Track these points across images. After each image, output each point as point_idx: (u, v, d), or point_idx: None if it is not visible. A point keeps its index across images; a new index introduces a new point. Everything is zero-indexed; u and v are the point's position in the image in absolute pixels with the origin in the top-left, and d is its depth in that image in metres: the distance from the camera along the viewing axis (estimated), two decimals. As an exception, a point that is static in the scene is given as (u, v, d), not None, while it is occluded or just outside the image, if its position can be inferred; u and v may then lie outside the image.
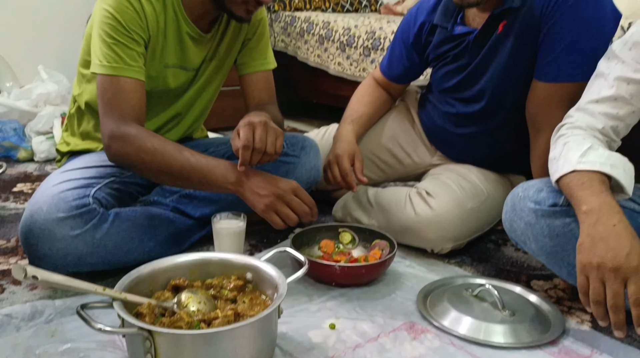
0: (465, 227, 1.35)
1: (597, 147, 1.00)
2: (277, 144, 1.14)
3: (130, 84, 1.18)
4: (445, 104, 1.47)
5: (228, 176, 1.15)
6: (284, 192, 1.15)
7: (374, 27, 2.44)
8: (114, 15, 1.16)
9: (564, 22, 1.16)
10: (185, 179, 1.17)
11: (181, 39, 1.29)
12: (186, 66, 1.34)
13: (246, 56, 1.43)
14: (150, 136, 1.16)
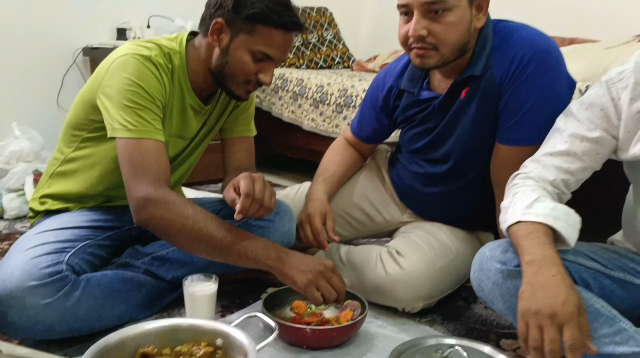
0: (436, 286, 1.37)
1: (543, 200, 1.06)
2: (272, 201, 1.19)
3: (158, 147, 1.20)
4: (413, 164, 1.52)
5: (269, 252, 1.18)
6: (325, 269, 1.19)
7: (346, 85, 2.51)
8: (137, 83, 1.20)
9: (522, 91, 1.23)
10: (222, 250, 1.17)
11: (184, 110, 1.34)
12: (184, 135, 1.38)
13: (231, 122, 1.49)
14: (190, 203, 1.18)
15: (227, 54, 1.26)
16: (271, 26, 1.23)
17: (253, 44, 1.24)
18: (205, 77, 1.32)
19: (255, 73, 1.27)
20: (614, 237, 1.30)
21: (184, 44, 1.32)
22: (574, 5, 2.76)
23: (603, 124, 1.12)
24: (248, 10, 1.22)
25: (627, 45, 1.84)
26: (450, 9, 1.21)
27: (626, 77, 1.10)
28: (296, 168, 3.06)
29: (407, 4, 1.23)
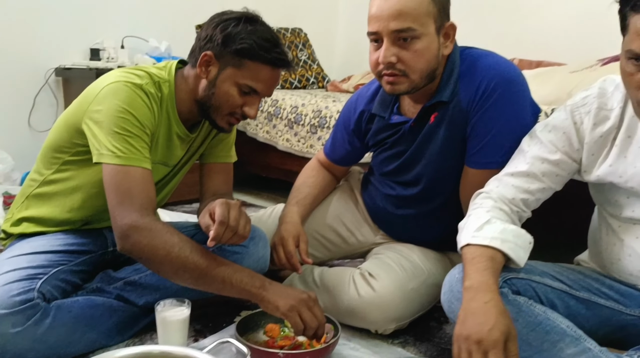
0: (408, 308, 1.39)
1: (494, 222, 1.10)
2: (246, 228, 1.20)
3: (146, 175, 1.20)
4: (385, 187, 1.55)
5: (254, 280, 1.18)
6: (308, 298, 1.20)
7: (320, 106, 2.54)
8: (128, 110, 1.21)
9: (488, 117, 1.27)
10: (207, 279, 1.17)
11: (170, 138, 1.35)
12: (168, 162, 1.39)
13: (212, 148, 1.50)
14: (176, 231, 1.18)
15: (214, 85, 1.29)
16: (259, 62, 1.26)
17: (240, 77, 1.27)
18: (191, 106, 1.34)
19: (240, 106, 1.30)
20: (580, 256, 1.34)
21: (172, 73, 1.34)
22: (541, 29, 2.85)
23: (564, 147, 1.17)
24: (237, 45, 1.25)
25: (591, 70, 1.91)
26: (419, 37, 1.24)
27: (589, 103, 1.15)
28: (271, 188, 3.07)
29: (377, 31, 1.26)
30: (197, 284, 1.19)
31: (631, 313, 1.13)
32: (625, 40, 0.98)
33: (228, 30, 1.26)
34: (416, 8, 1.23)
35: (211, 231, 1.15)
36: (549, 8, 2.83)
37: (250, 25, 1.27)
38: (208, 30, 1.29)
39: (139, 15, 2.89)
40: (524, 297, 1.11)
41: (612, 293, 1.16)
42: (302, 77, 3.35)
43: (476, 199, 1.21)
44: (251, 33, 1.26)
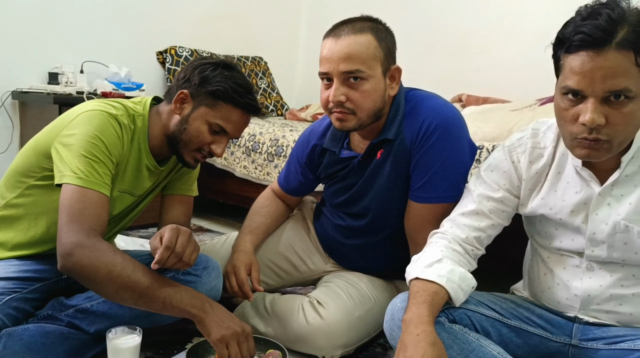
0: (354, 334, 1.45)
1: (445, 261, 1.18)
2: (192, 256, 1.24)
3: (101, 199, 1.24)
4: (336, 217, 1.62)
5: (194, 301, 1.22)
6: (241, 331, 1.24)
7: (278, 135, 2.61)
8: (99, 137, 1.26)
9: (429, 155, 1.36)
10: (148, 298, 1.20)
11: (139, 169, 1.40)
12: (135, 192, 1.43)
13: (175, 180, 1.56)
14: (120, 252, 1.21)
15: (187, 122, 1.36)
16: (231, 104, 1.35)
17: (212, 117, 1.35)
18: (162, 141, 1.41)
19: (209, 143, 1.38)
20: (516, 285, 1.43)
21: (147, 108, 1.41)
22: (489, 67, 3.01)
23: (506, 185, 1.26)
24: (212, 87, 1.34)
25: (530, 109, 2.04)
26: (367, 79, 1.33)
27: (524, 143, 1.26)
28: (229, 214, 3.10)
29: (328, 72, 1.35)
30: (138, 304, 1.22)
31: (558, 340, 1.22)
32: (560, 80, 1.08)
33: (206, 73, 1.36)
34: (364, 52, 1.32)
35: (157, 254, 1.19)
36: (496, 48, 3.00)
37: (227, 71, 1.37)
38: (187, 72, 1.39)
39: (99, 40, 2.91)
40: (459, 325, 1.18)
41: (541, 321, 1.25)
42: (262, 105, 3.42)
43: (432, 238, 1.29)
44: (227, 78, 1.35)
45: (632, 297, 1.17)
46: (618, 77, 0.99)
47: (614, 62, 0.99)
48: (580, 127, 1.04)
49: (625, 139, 1.07)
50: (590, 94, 1.02)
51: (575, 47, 1.02)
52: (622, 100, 1.01)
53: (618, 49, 0.98)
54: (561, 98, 1.08)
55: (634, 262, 1.15)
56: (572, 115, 1.06)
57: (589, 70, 1.00)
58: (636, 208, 1.12)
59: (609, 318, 1.19)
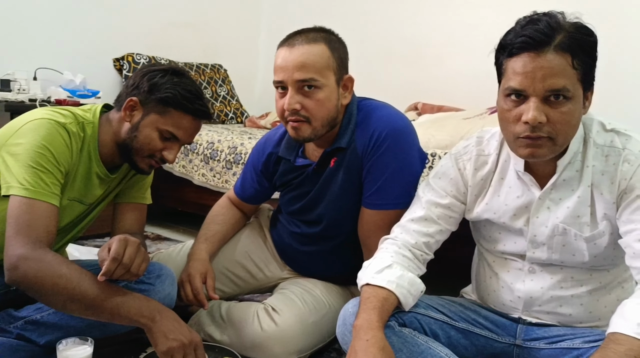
0: (308, 340, 1.47)
1: (395, 267, 1.22)
2: (141, 267, 1.23)
3: (49, 210, 1.22)
4: (292, 224, 1.64)
5: (142, 310, 1.21)
6: (189, 343, 1.22)
7: (236, 143, 2.62)
8: (46, 146, 1.24)
9: (381, 163, 1.40)
10: (96, 309, 1.19)
11: (89, 177, 1.39)
12: (85, 201, 1.42)
13: (127, 188, 1.54)
14: (67, 262, 1.20)
15: (137, 129, 1.36)
16: (181, 111, 1.36)
17: (162, 123, 1.35)
18: (113, 148, 1.40)
19: (160, 150, 1.38)
20: (465, 289, 1.48)
21: (97, 115, 1.40)
22: (443, 76, 3.09)
23: (452, 192, 1.31)
24: (162, 94, 1.34)
25: (480, 118, 2.11)
26: (320, 87, 1.36)
27: (469, 151, 1.31)
28: (187, 222, 3.08)
29: (283, 80, 1.38)
30: (86, 315, 1.22)
31: (503, 341, 1.27)
32: (502, 83, 1.14)
33: (155, 80, 1.36)
34: (318, 61, 1.36)
35: (103, 266, 1.19)
36: (450, 59, 3.09)
37: (176, 78, 1.38)
38: (136, 79, 1.39)
39: (53, 47, 2.86)
40: (409, 328, 1.22)
41: (487, 323, 1.29)
42: (221, 112, 3.42)
43: (382, 244, 1.32)
44: (176, 84, 1.36)
45: (571, 298, 1.23)
46: (557, 77, 1.06)
47: (553, 62, 1.06)
48: (523, 126, 1.09)
49: (565, 139, 1.13)
50: (532, 93, 1.08)
51: (517, 49, 1.08)
52: (561, 100, 1.08)
53: (556, 51, 1.06)
54: (504, 100, 1.13)
55: (572, 263, 1.21)
56: (514, 115, 1.11)
57: (531, 70, 1.07)
58: (573, 212, 1.18)
59: (550, 319, 1.25)
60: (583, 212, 1.17)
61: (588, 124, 1.19)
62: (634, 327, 0.98)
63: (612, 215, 1.15)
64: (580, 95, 1.10)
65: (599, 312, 1.23)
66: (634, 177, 1.11)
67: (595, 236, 1.17)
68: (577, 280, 1.22)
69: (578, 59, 1.07)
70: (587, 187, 1.17)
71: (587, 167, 1.17)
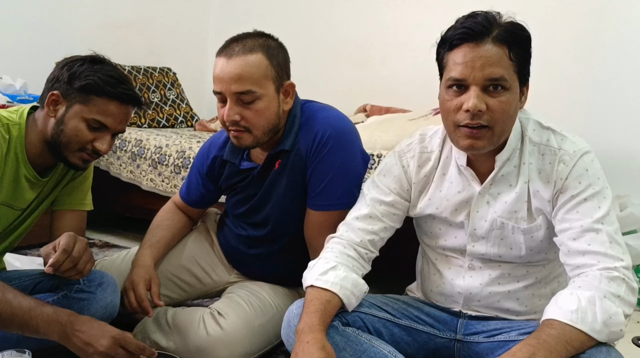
0: (255, 343, 1.47)
1: (339, 268, 1.23)
2: (87, 266, 1.21)
3: None
4: (238, 227, 1.63)
5: (52, 326, 1.16)
6: (106, 350, 1.18)
7: (185, 147, 2.59)
8: None
9: (324, 164, 1.41)
10: (3, 322, 1.14)
11: (17, 180, 1.33)
12: (14, 205, 1.36)
13: (65, 194, 1.49)
14: None
15: (63, 122, 1.31)
16: (105, 97, 1.31)
17: (87, 113, 1.30)
18: (42, 148, 1.35)
19: (90, 141, 1.33)
20: (410, 286, 1.51)
21: (24, 116, 1.35)
22: (390, 78, 3.14)
23: (396, 189, 1.34)
24: (82, 82, 1.29)
25: (425, 119, 2.16)
26: (259, 97, 1.37)
27: (413, 149, 1.34)
28: (135, 228, 3.02)
29: (221, 91, 1.38)
30: None
31: (444, 336, 1.30)
32: (444, 75, 1.18)
33: (73, 69, 1.31)
34: (255, 72, 1.35)
35: (51, 258, 1.16)
36: (394, 60, 3.14)
37: (96, 65, 1.33)
38: (55, 72, 1.34)
39: (-9, 50, 2.77)
40: (352, 327, 1.24)
41: (429, 319, 1.33)
42: (171, 116, 3.37)
43: (328, 243, 1.33)
44: (96, 71, 1.31)
45: (508, 293, 1.27)
46: (495, 66, 1.12)
47: (492, 52, 1.12)
48: (464, 114, 1.14)
49: (503, 131, 1.17)
50: (472, 81, 1.12)
51: (458, 40, 1.14)
52: (500, 90, 1.13)
53: (494, 42, 1.12)
54: (446, 91, 1.18)
55: (509, 258, 1.26)
56: (455, 104, 1.15)
57: (470, 59, 1.12)
58: (511, 207, 1.22)
59: (488, 312, 1.29)
60: (520, 207, 1.22)
61: (524, 122, 1.24)
62: (567, 314, 1.04)
63: (548, 211, 1.20)
64: (517, 87, 1.16)
65: (535, 305, 1.28)
66: (569, 177, 1.16)
67: (533, 229, 1.21)
68: (514, 276, 1.27)
69: (514, 52, 1.13)
70: (524, 183, 1.21)
71: (524, 164, 1.21)
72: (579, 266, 1.11)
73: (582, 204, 1.14)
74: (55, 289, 1.35)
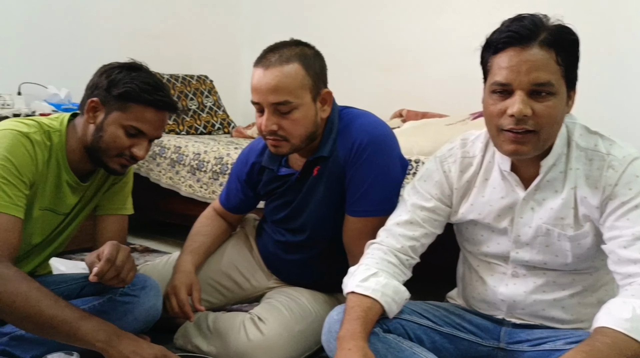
0: (294, 349, 1.47)
1: (380, 275, 1.22)
2: (130, 274, 1.24)
3: (12, 222, 1.22)
4: (276, 233, 1.64)
5: (98, 334, 1.18)
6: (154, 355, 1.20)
7: (222, 153, 2.62)
8: (8, 158, 1.24)
9: (362, 171, 1.41)
10: (51, 329, 1.17)
11: (59, 185, 1.38)
12: (58, 210, 1.41)
13: (107, 199, 1.53)
14: (27, 280, 1.18)
15: (102, 129, 1.34)
16: (142, 104, 1.34)
17: (125, 119, 1.34)
18: (82, 154, 1.39)
19: (128, 147, 1.36)
20: (450, 293, 1.49)
21: (65, 123, 1.39)
22: (422, 83, 3.11)
23: (437, 195, 1.32)
24: (120, 89, 1.33)
25: (463, 123, 2.14)
26: (296, 107, 1.37)
27: (454, 154, 1.33)
28: (174, 233, 3.07)
29: (259, 102, 1.39)
30: (42, 334, 1.21)
31: (486, 344, 1.28)
32: (488, 79, 1.17)
33: (112, 77, 1.34)
34: (291, 82, 1.36)
35: (95, 267, 1.19)
36: (427, 65, 3.12)
37: (134, 72, 1.36)
38: (94, 79, 1.38)
39: (37, 61, 2.86)
40: (394, 334, 1.23)
41: (471, 327, 1.31)
42: (208, 123, 3.42)
43: (368, 249, 1.32)
44: (133, 78, 1.34)
45: (554, 301, 1.24)
46: (542, 71, 1.09)
47: (538, 56, 1.09)
48: (508, 119, 1.12)
49: (549, 136, 1.15)
50: (517, 86, 1.10)
51: (503, 44, 1.12)
52: (546, 95, 1.10)
53: (541, 46, 1.09)
54: (490, 96, 1.16)
55: (555, 265, 1.23)
56: (499, 109, 1.13)
57: (516, 64, 1.10)
58: (557, 214, 1.20)
59: (533, 320, 1.26)
60: (566, 213, 1.19)
61: (571, 127, 1.21)
62: (620, 322, 1.01)
63: (596, 218, 1.17)
64: (564, 92, 1.13)
65: (581, 314, 1.24)
66: (619, 183, 1.13)
67: (580, 236, 1.18)
68: (560, 284, 1.24)
69: (562, 56, 1.10)
70: (571, 189, 1.18)
71: (570, 169, 1.19)
72: (631, 275, 1.08)
73: (633, 211, 1.11)
74: (100, 293, 1.39)
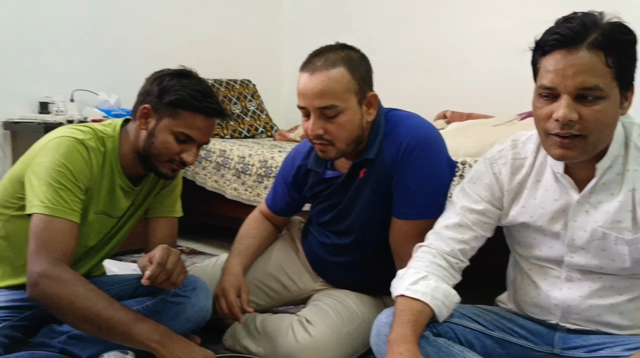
0: (343, 351, 1.47)
1: (430, 278, 1.21)
2: (180, 277, 1.27)
3: (68, 227, 1.26)
4: (322, 236, 1.65)
5: (153, 335, 1.22)
6: None
7: (266, 156, 2.65)
8: (65, 164, 1.28)
9: (409, 173, 1.40)
10: (108, 330, 1.22)
11: (113, 189, 1.43)
12: (112, 213, 1.46)
13: (157, 202, 1.57)
14: (84, 282, 1.23)
15: (153, 135, 1.38)
16: (192, 111, 1.37)
17: (175, 126, 1.37)
18: (134, 159, 1.43)
19: (178, 153, 1.39)
20: (500, 297, 1.46)
21: (118, 129, 1.44)
22: (466, 83, 3.06)
23: (487, 197, 1.30)
24: (171, 97, 1.36)
25: (510, 124, 2.09)
26: (342, 111, 1.38)
27: (505, 155, 1.30)
28: (220, 235, 3.12)
29: (305, 106, 1.40)
30: (99, 335, 1.25)
31: (540, 350, 1.25)
32: (537, 82, 1.14)
33: (163, 84, 1.38)
34: (337, 87, 1.37)
35: (147, 270, 1.22)
36: (469, 65, 3.06)
37: (184, 79, 1.40)
38: (146, 86, 1.42)
39: (88, 68, 2.96)
40: (444, 338, 1.21)
41: (523, 332, 1.28)
42: (251, 127, 3.46)
43: (417, 252, 1.31)
44: (184, 86, 1.37)
45: (610, 306, 1.20)
46: (588, 74, 1.06)
47: (585, 59, 1.06)
48: (554, 123, 1.09)
49: (599, 140, 1.11)
50: (563, 90, 1.07)
51: (550, 46, 1.09)
52: (593, 99, 1.07)
53: (589, 49, 1.06)
54: (538, 99, 1.14)
55: (612, 270, 1.19)
56: (546, 113, 1.11)
57: (562, 67, 1.07)
58: (614, 217, 1.16)
59: (589, 326, 1.23)
60: (624, 216, 1.15)
61: (628, 127, 1.17)
62: None
63: None
64: (617, 94, 1.09)
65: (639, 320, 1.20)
66: None
67: (638, 239, 1.14)
68: (617, 288, 1.20)
69: (613, 57, 1.06)
70: (629, 191, 1.15)
71: (628, 171, 1.15)
72: None
73: None
74: (153, 293, 1.42)
